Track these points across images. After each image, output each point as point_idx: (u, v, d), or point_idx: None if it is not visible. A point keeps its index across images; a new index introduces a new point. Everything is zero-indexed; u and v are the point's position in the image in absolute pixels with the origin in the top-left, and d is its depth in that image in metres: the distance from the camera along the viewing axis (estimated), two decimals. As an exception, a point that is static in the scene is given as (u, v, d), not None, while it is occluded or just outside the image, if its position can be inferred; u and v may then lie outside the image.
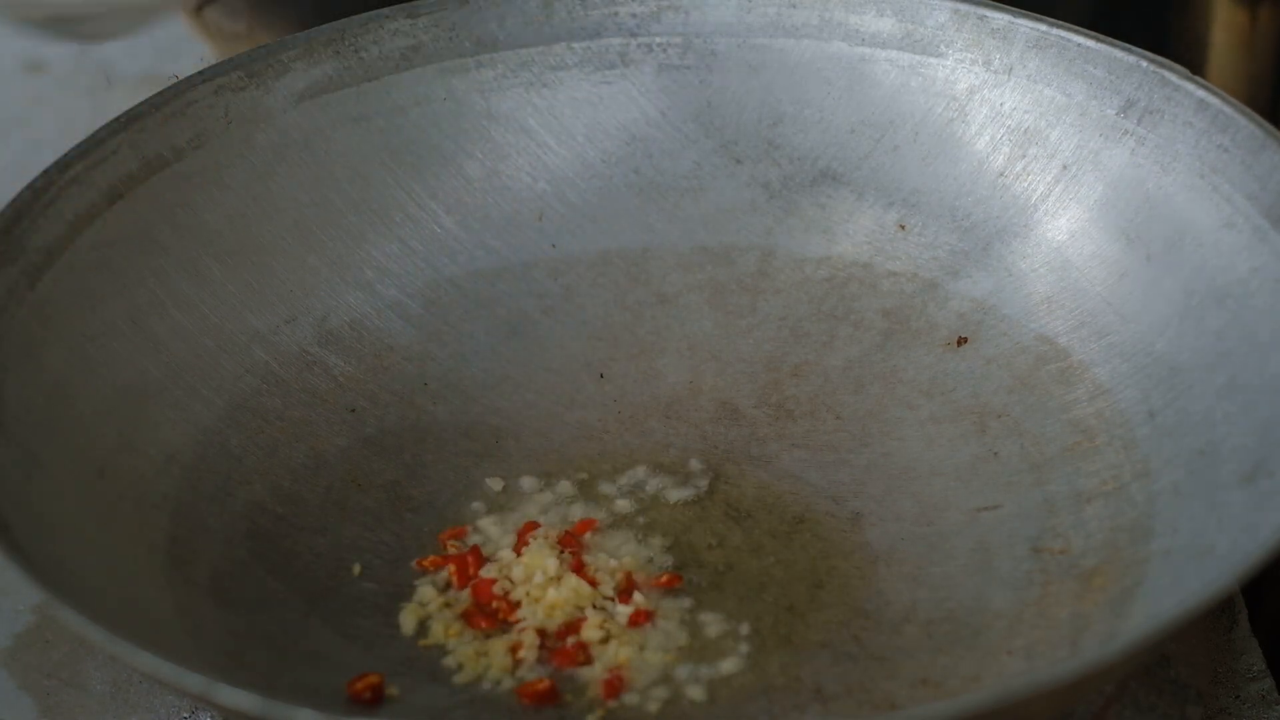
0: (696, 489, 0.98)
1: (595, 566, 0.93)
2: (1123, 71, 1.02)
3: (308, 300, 1.04)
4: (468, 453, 1.01)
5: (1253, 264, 0.95)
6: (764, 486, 0.98)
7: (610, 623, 0.91)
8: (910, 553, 0.95)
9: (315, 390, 1.02)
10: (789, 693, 0.89)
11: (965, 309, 1.04)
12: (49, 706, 0.96)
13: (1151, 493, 0.93)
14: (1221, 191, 0.98)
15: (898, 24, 1.07)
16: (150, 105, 1.02)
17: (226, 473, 0.97)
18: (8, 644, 0.99)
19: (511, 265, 1.07)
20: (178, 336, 1.00)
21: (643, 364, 1.05)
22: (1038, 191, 1.04)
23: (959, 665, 0.89)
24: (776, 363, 1.04)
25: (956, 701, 0.77)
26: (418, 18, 1.08)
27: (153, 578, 0.91)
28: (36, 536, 0.85)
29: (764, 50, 1.09)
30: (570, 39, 1.09)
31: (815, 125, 1.09)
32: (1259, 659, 0.96)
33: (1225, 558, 0.85)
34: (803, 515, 0.97)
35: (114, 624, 0.81)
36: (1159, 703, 0.94)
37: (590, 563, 0.94)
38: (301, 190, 1.05)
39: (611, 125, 1.10)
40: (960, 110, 1.06)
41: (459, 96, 1.09)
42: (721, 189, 1.09)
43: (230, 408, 0.99)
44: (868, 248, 1.07)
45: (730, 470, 0.99)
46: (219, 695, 0.78)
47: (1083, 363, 1.00)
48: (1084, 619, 0.90)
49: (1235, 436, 0.92)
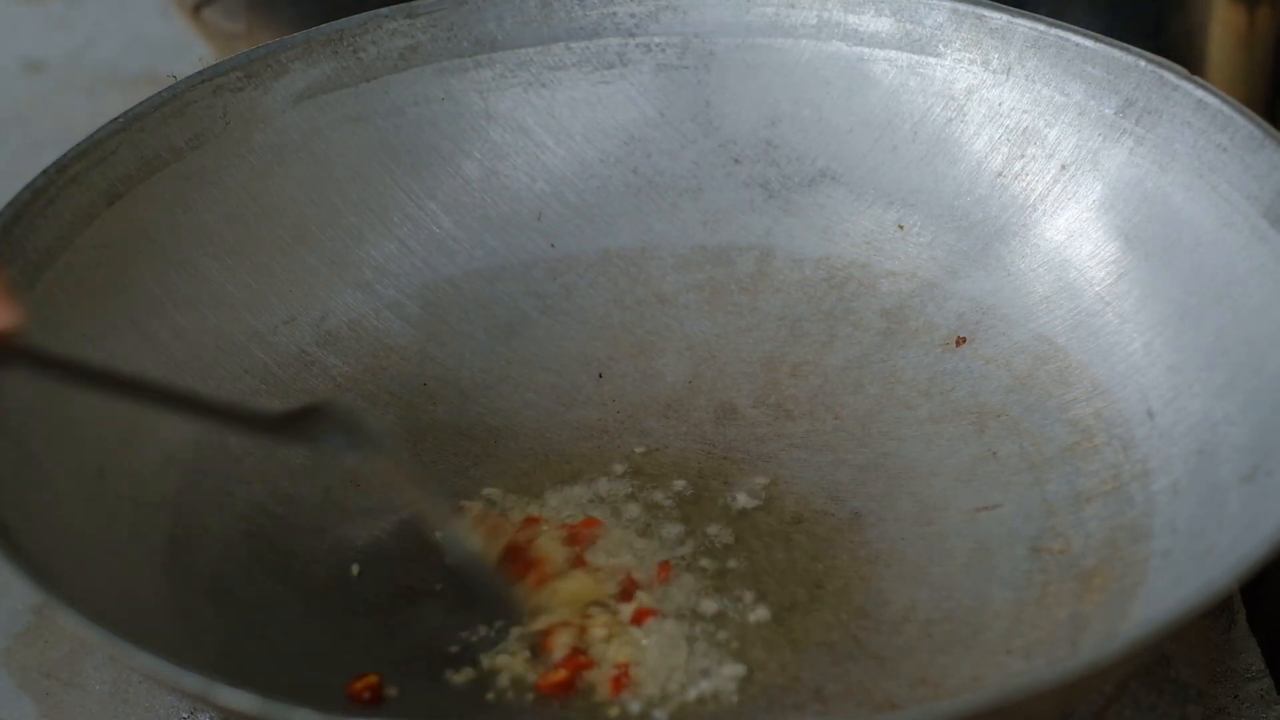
0: (695, 489, 0.98)
1: (596, 565, 0.94)
2: (1121, 71, 1.02)
3: (306, 300, 1.04)
4: (466, 453, 1.01)
5: (1251, 263, 0.95)
6: (763, 486, 0.98)
7: (614, 622, 0.91)
8: (910, 553, 0.95)
9: (314, 390, 1.02)
10: (788, 693, 0.89)
11: (964, 309, 1.04)
12: (48, 707, 0.96)
13: (1151, 493, 0.93)
14: (1220, 191, 0.98)
15: (896, 24, 1.07)
16: (149, 105, 1.02)
17: (226, 473, 0.97)
18: (6, 644, 0.99)
19: (510, 265, 1.07)
20: (176, 336, 1.00)
21: (641, 364, 1.05)
22: (1036, 191, 1.05)
23: (958, 665, 0.89)
24: (775, 363, 1.04)
25: (956, 701, 0.77)
26: (416, 18, 1.08)
27: (152, 578, 0.91)
28: (36, 537, 0.85)
29: (762, 50, 1.09)
30: (568, 39, 1.09)
31: (814, 125, 1.09)
32: (1258, 658, 0.96)
33: (1224, 557, 0.85)
34: (801, 515, 0.97)
35: (113, 624, 0.80)
36: (1159, 702, 0.94)
37: (591, 561, 0.94)
38: (300, 190, 1.05)
39: (610, 125, 1.10)
40: (959, 110, 1.06)
41: (457, 96, 1.09)
42: (720, 189, 1.09)
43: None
44: (866, 248, 1.07)
45: (729, 470, 0.99)
46: (218, 695, 0.78)
47: (1081, 362, 1.00)
48: (1084, 619, 0.90)
49: (1234, 436, 0.92)
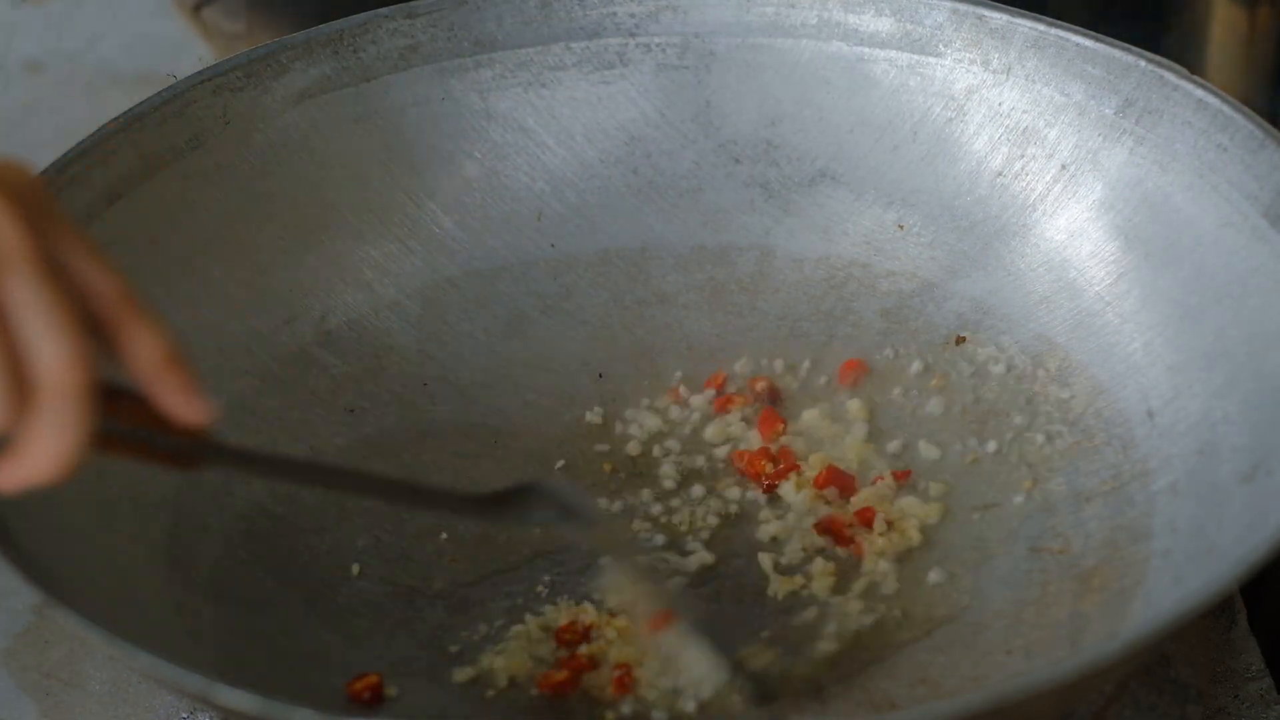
0: (694, 489, 0.98)
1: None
2: (1121, 71, 1.02)
3: (306, 300, 1.04)
4: (466, 453, 1.01)
5: (1251, 263, 0.95)
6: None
7: (618, 625, 0.91)
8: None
9: (314, 390, 1.02)
10: (787, 693, 0.89)
11: (964, 309, 1.04)
12: (48, 707, 0.96)
13: (1150, 492, 0.93)
14: (1220, 191, 0.98)
15: (896, 24, 1.07)
16: (149, 105, 1.02)
17: (226, 473, 0.97)
18: (6, 644, 0.99)
19: (510, 265, 1.07)
20: (176, 336, 0.99)
21: (641, 364, 1.05)
22: (1036, 191, 1.04)
23: (958, 665, 0.89)
24: (774, 363, 1.04)
25: (956, 701, 0.77)
26: (416, 18, 1.08)
27: (152, 578, 0.91)
28: (36, 537, 0.85)
29: (762, 50, 1.09)
30: (568, 39, 1.09)
31: (814, 125, 1.09)
32: (1258, 658, 0.96)
33: (1224, 557, 0.85)
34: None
35: (113, 624, 0.80)
36: (1159, 702, 0.94)
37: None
38: (300, 190, 1.05)
39: (610, 125, 1.10)
40: (959, 110, 1.06)
41: (457, 96, 1.09)
42: (720, 189, 1.09)
43: (229, 408, 0.99)
44: (866, 248, 1.07)
45: (728, 470, 0.99)
46: (218, 695, 0.78)
47: (1081, 362, 1.00)
48: (1083, 619, 0.90)
49: (1234, 436, 0.92)
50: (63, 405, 0.71)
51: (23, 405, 0.71)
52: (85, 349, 0.71)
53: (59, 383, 0.70)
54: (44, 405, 0.71)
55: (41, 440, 0.71)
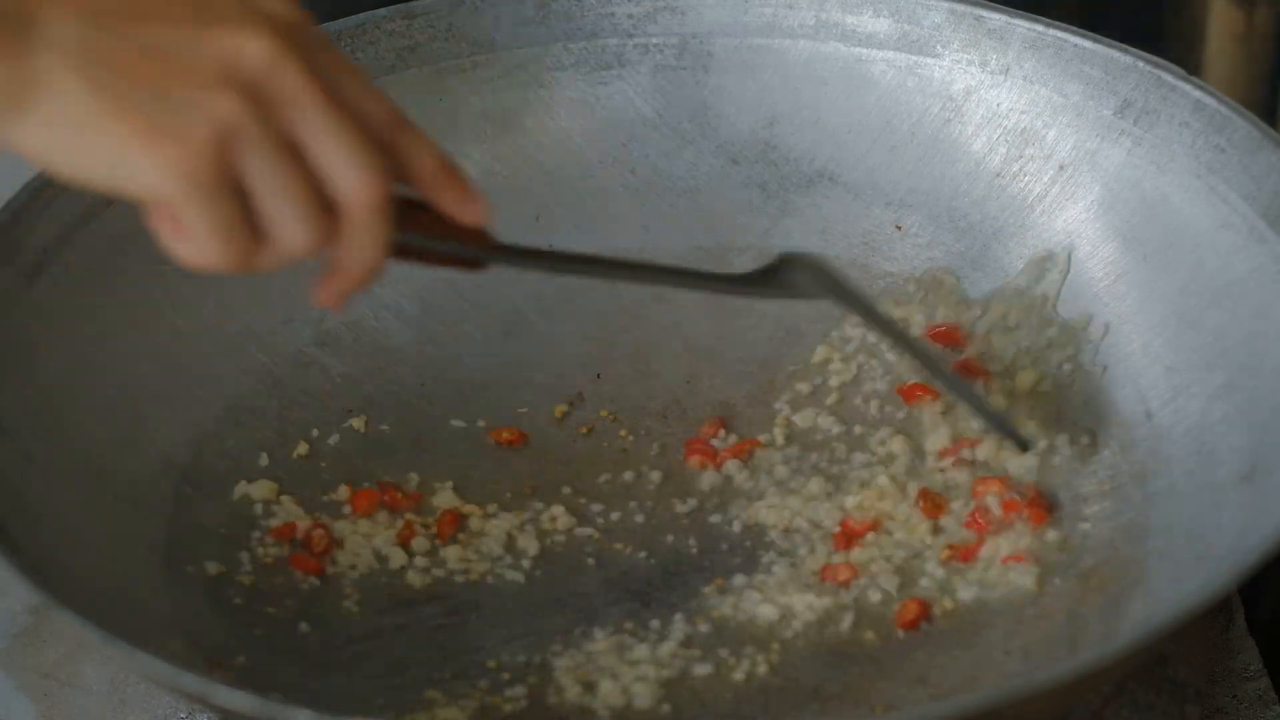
0: (694, 490, 0.98)
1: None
2: (1119, 72, 1.02)
3: (305, 300, 1.04)
4: (465, 453, 1.00)
5: (1249, 264, 0.96)
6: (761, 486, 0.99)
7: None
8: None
9: (312, 391, 1.02)
10: (786, 693, 0.89)
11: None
12: (47, 707, 0.96)
13: (1149, 493, 0.94)
14: (1218, 192, 0.98)
15: (894, 24, 1.07)
16: (148, 105, 1.02)
17: (224, 473, 0.97)
18: (6, 644, 0.99)
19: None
20: (175, 337, 1.00)
21: (639, 364, 1.05)
22: (1034, 192, 1.05)
23: (957, 665, 0.89)
24: (773, 364, 1.04)
25: (954, 702, 0.77)
26: (414, 19, 1.08)
27: (150, 578, 0.91)
28: (34, 537, 0.85)
29: (760, 51, 1.09)
30: (566, 40, 1.09)
31: (811, 126, 1.09)
32: (1255, 658, 0.96)
33: (1223, 558, 0.85)
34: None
35: (112, 624, 0.80)
36: (1157, 702, 0.94)
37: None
38: (298, 191, 1.05)
39: (608, 125, 1.10)
40: (957, 110, 1.06)
41: (455, 97, 1.09)
42: (718, 189, 1.09)
43: (227, 408, 0.99)
44: (864, 248, 1.07)
45: (727, 470, 0.99)
46: (217, 695, 0.78)
47: (1080, 363, 1.00)
48: (1082, 619, 0.90)
49: (1232, 437, 0.92)
50: (369, 222, 0.77)
51: (333, 227, 0.77)
52: (380, 168, 0.76)
53: (362, 202, 0.76)
54: (353, 224, 0.77)
55: (354, 255, 0.78)
